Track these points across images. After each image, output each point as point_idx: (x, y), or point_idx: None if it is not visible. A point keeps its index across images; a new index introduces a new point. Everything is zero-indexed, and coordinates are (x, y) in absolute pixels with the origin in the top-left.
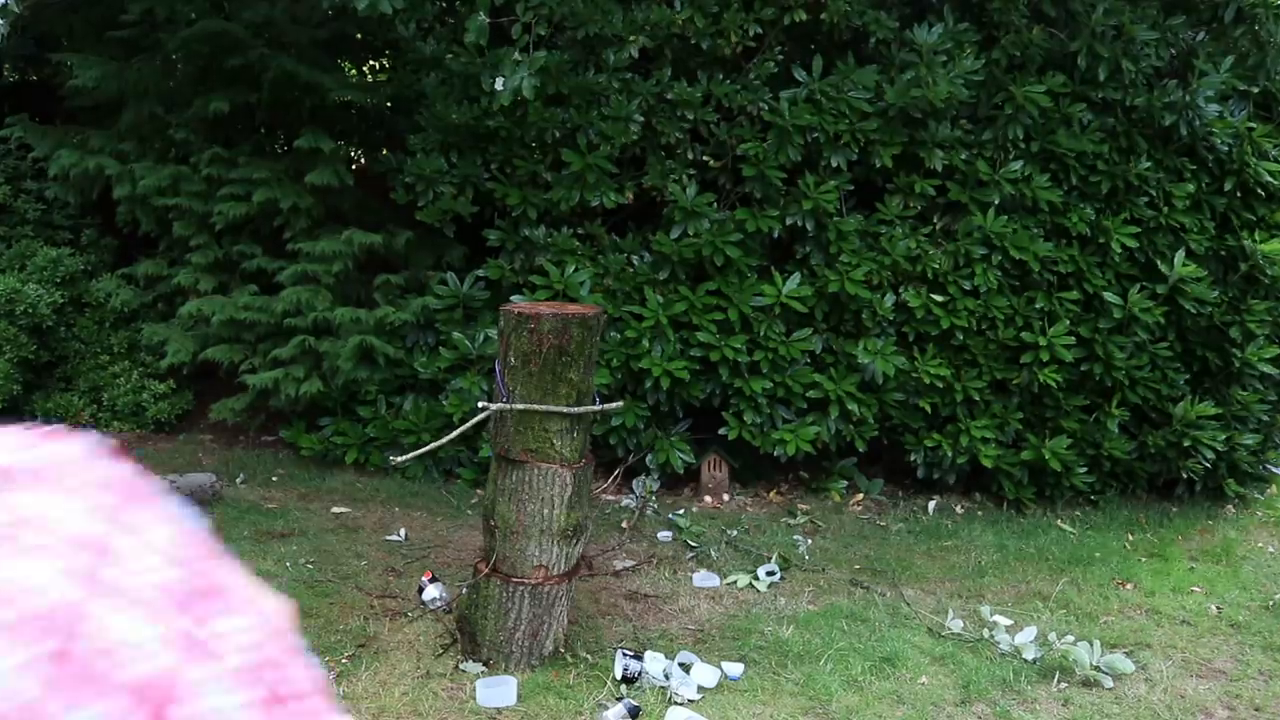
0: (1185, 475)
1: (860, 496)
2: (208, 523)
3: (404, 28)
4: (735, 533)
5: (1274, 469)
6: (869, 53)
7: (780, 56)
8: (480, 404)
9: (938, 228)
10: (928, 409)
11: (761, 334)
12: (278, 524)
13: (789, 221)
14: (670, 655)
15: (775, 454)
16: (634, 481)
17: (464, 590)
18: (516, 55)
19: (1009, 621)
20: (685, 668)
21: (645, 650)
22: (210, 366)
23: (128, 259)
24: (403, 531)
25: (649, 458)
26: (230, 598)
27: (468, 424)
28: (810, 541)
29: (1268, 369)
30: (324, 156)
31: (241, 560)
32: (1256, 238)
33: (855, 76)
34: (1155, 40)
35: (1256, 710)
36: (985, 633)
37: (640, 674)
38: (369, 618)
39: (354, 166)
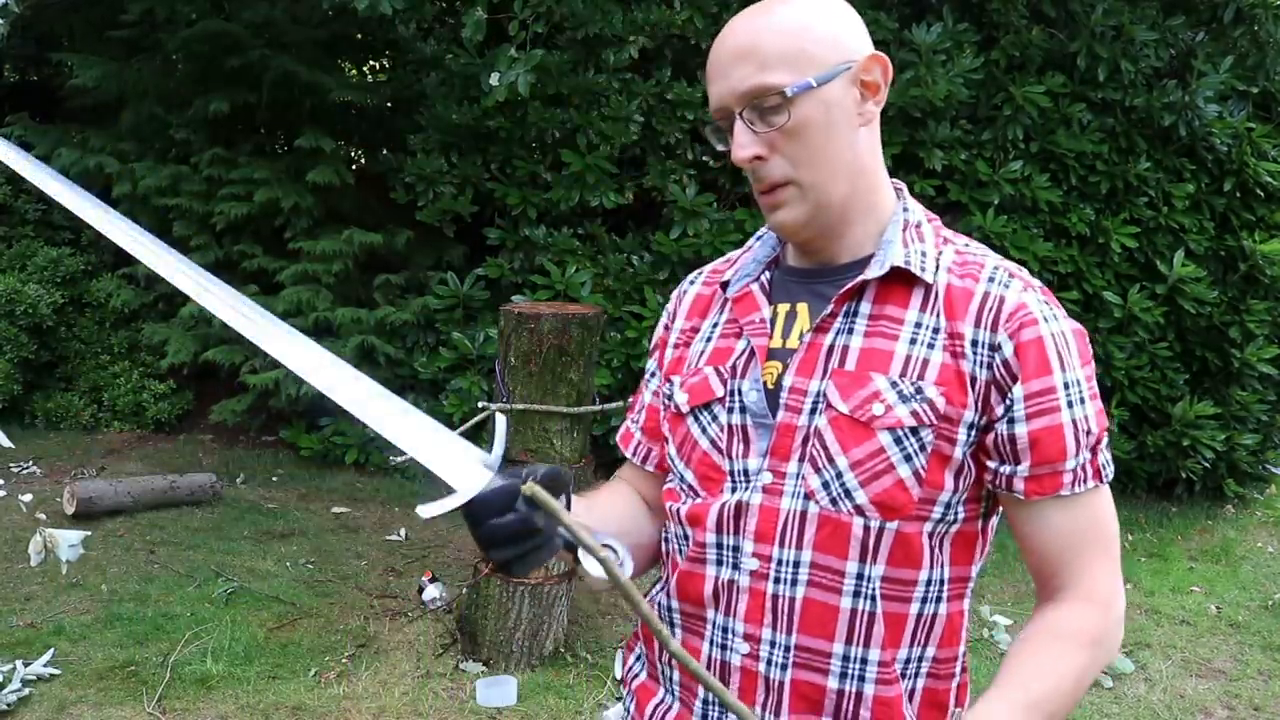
0: (1185, 475)
1: None
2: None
3: (404, 28)
4: None
5: (1273, 469)
6: None
7: None
8: (480, 404)
9: None
10: None
11: None
12: (278, 524)
13: None
14: None
15: None
16: None
17: (464, 590)
18: (513, 52)
19: (1009, 621)
20: None
21: None
22: (210, 367)
23: (128, 259)
24: (403, 531)
25: None
26: None
27: (468, 424)
28: None
29: (1267, 369)
30: (325, 156)
31: (242, 560)
32: (1256, 238)
33: None
34: (1155, 41)
35: (1256, 710)
36: (985, 633)
37: None
38: (369, 618)
39: (354, 166)
